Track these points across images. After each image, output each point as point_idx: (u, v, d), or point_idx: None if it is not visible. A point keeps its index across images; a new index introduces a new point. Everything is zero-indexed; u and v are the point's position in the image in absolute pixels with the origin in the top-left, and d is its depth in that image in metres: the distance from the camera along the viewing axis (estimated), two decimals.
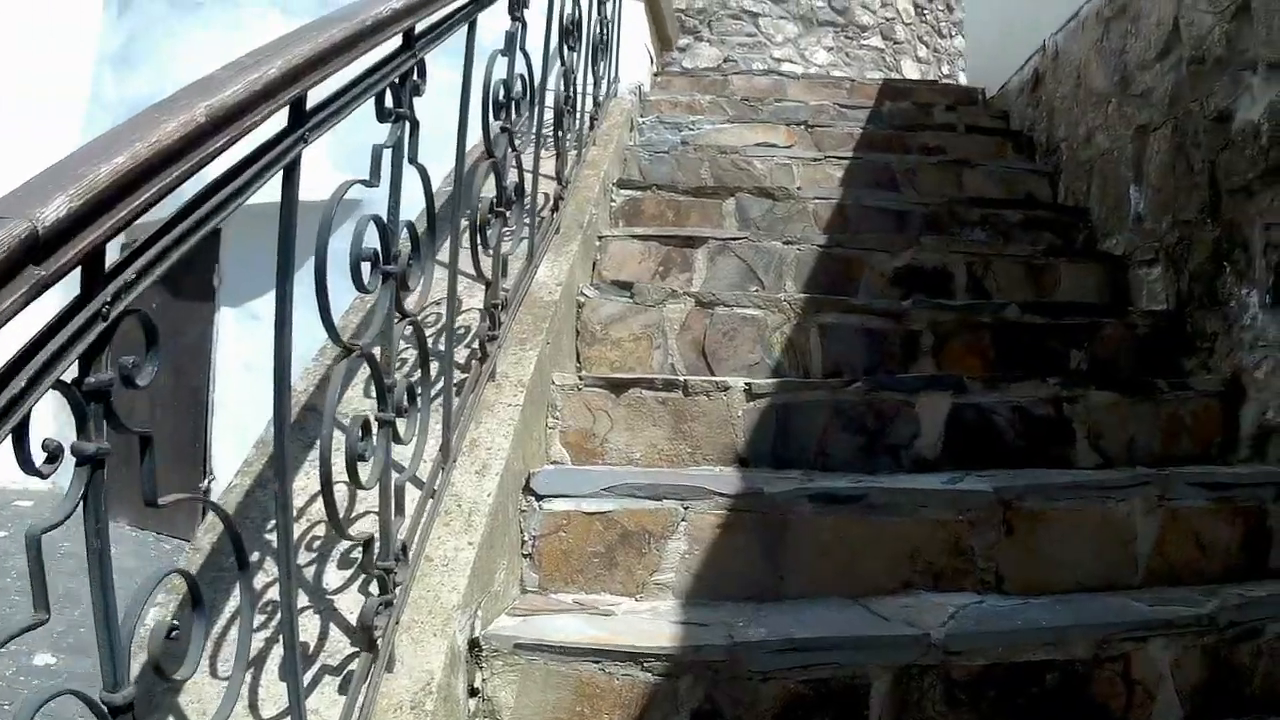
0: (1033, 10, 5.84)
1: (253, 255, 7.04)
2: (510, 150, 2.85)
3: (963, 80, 11.45)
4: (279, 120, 1.51)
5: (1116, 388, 3.39)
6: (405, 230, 2.00)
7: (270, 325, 1.52)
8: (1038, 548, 2.76)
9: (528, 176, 3.16)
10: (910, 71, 10.76)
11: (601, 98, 4.90)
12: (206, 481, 8.31)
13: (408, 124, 1.95)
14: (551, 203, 3.71)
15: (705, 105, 6.04)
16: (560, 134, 3.69)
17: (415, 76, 1.97)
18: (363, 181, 1.76)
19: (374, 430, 1.82)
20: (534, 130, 3.30)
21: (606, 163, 4.48)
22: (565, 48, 3.67)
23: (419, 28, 1.98)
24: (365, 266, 1.78)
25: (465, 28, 2.36)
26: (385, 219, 1.89)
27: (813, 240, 4.14)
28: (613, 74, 5.39)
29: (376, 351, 1.87)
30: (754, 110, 6.01)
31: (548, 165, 3.68)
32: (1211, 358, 3.61)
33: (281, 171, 1.51)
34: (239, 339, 8.29)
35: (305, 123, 1.55)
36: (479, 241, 2.64)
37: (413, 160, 2.00)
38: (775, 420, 3.16)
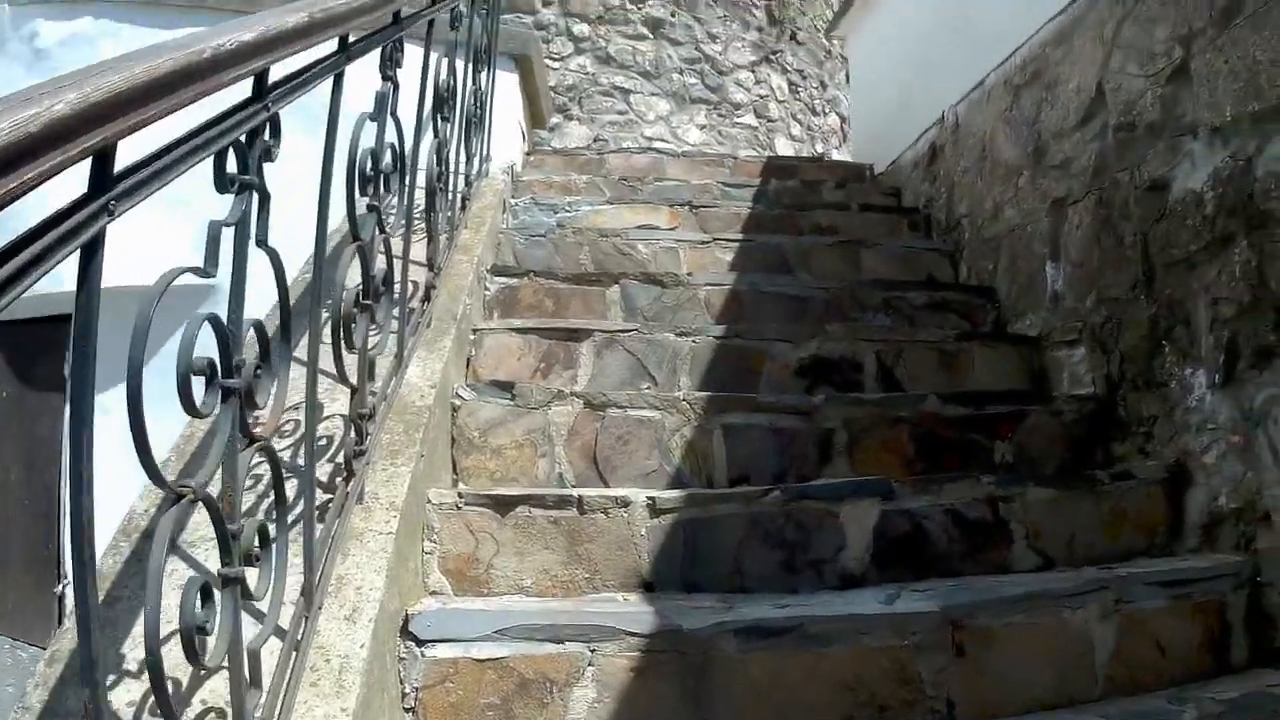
0: (928, 81, 5.73)
1: (103, 341, 6.59)
2: (378, 233, 2.55)
3: (835, 157, 11.45)
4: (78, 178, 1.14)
5: (1055, 483, 3.19)
6: (252, 332, 1.66)
7: (121, 421, 1.19)
8: (989, 667, 2.53)
9: (397, 263, 2.87)
10: (784, 149, 10.67)
11: (474, 176, 4.63)
12: (60, 586, 7.75)
13: (256, 195, 1.61)
14: (423, 292, 3.42)
15: (582, 185, 5.79)
16: (432, 214, 3.39)
17: (267, 135, 1.64)
18: (195, 270, 1.42)
19: (217, 594, 1.47)
20: (404, 209, 2.99)
21: (480, 247, 4.19)
22: (439, 118, 3.39)
23: (275, 74, 1.66)
24: (199, 383, 1.42)
25: (330, 80, 2.06)
26: (226, 318, 1.55)
27: (708, 332, 3.89)
28: (485, 151, 5.13)
29: (216, 488, 1.52)
30: (633, 190, 5.78)
31: (418, 249, 3.40)
32: (1150, 443, 3.43)
33: (79, 251, 1.14)
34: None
35: (112, 187, 1.17)
36: (343, 340, 2.31)
37: (261, 242, 1.66)
38: (683, 538, 2.87)
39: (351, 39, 2.16)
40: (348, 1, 2.10)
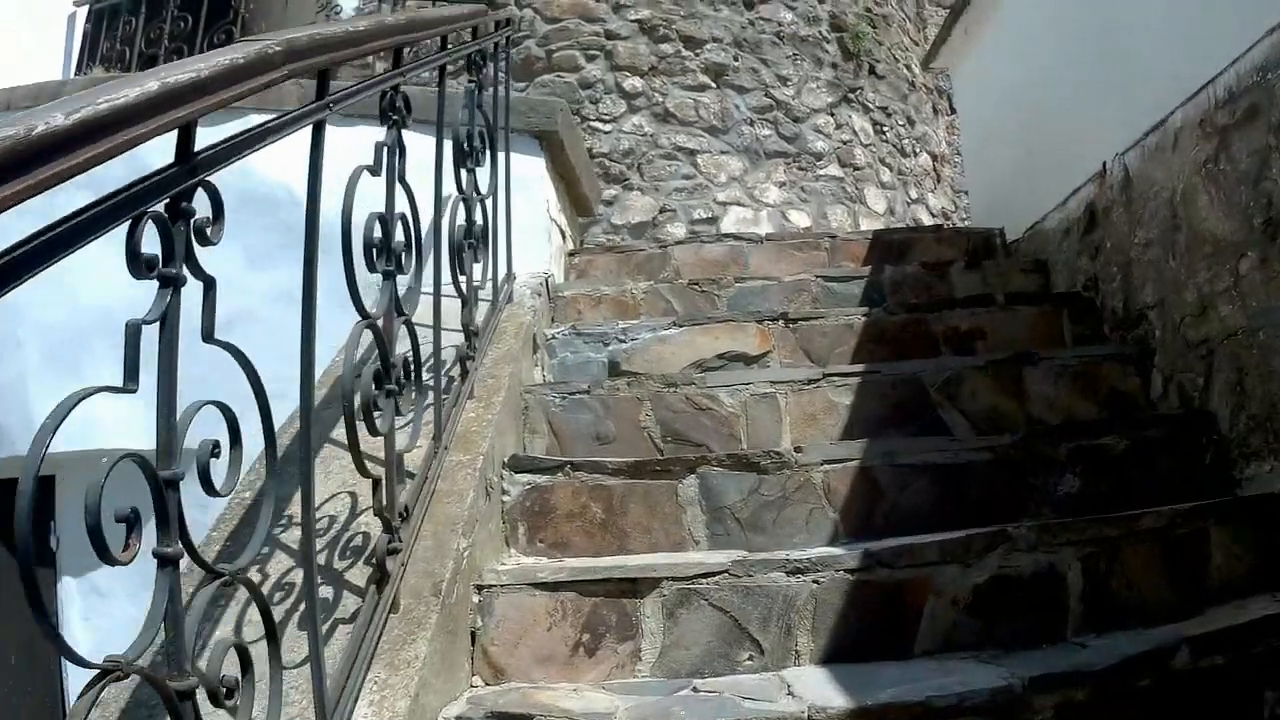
0: (1074, 121, 4.35)
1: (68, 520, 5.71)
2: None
3: (932, 204, 10.02)
4: None
5: None
6: None
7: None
8: None
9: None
10: (875, 200, 9.23)
11: (480, 321, 3.30)
12: None
13: None
14: (375, 565, 2.09)
15: (641, 298, 4.41)
16: (378, 422, 2.08)
17: None
18: None
19: None
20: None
21: (490, 432, 2.87)
22: (380, 270, 2.12)
23: None
24: None
25: None
26: None
27: (836, 564, 2.50)
28: (503, 269, 3.81)
29: None
30: (709, 298, 4.40)
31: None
32: None
33: None
34: (86, 619, 6.48)
35: None
36: None
37: None
38: None
39: None
40: None
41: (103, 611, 6.10)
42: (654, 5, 8.68)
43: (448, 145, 2.92)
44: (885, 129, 9.79)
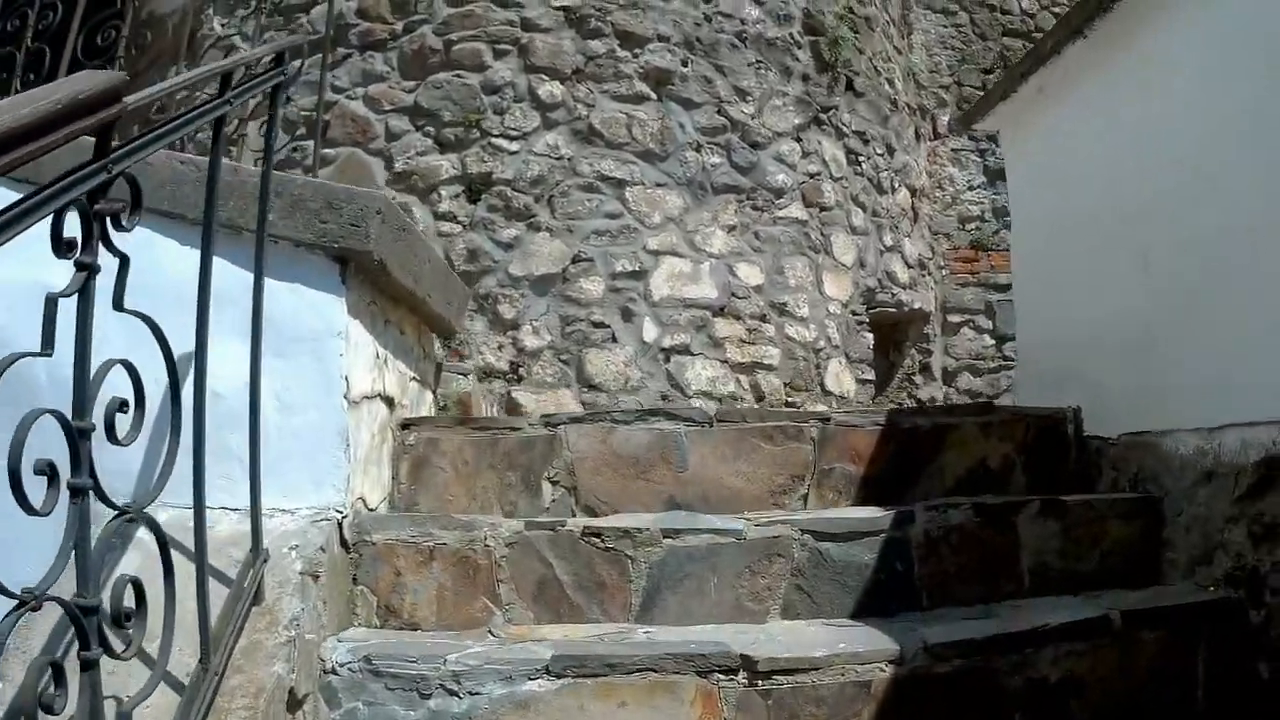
0: (1251, 292, 2.67)
1: None
2: None
3: (908, 252, 8.32)
4: None
5: None
6: None
7: None
8: None
9: None
10: (843, 250, 7.46)
11: None
12: None
13: None
14: None
15: (499, 556, 2.58)
16: None
17: None
18: None
19: None
20: None
21: None
22: None
23: None
24: None
25: None
26: None
27: None
28: (236, 557, 2.07)
29: None
30: (617, 565, 2.58)
31: None
32: None
33: None
34: None
35: None
36: None
37: None
38: None
39: None
40: None
41: None
42: None
43: None
44: (861, 159, 8.04)
